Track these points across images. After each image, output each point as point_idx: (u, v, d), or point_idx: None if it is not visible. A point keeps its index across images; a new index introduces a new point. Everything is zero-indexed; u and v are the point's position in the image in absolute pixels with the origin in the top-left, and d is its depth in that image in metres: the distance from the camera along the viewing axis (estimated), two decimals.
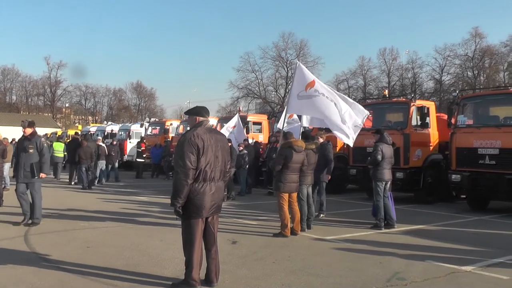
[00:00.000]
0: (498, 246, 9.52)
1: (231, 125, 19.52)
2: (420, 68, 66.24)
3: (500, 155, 13.44)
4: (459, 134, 14.50)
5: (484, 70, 61.94)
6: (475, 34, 61.23)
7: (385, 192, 11.28)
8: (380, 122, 16.75)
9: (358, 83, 70.60)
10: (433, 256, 8.36)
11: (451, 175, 14.44)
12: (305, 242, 9.59)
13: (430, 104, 17.14)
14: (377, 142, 11.41)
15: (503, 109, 15.18)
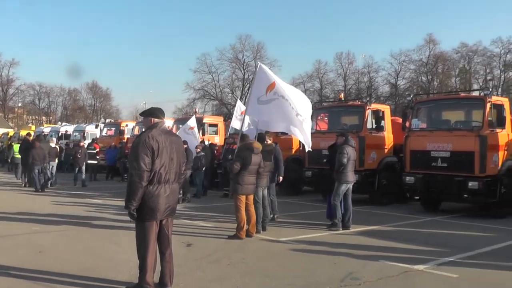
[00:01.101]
0: (449, 245, 9.76)
1: (189, 126, 19.37)
2: (376, 72, 67.36)
3: (452, 158, 13.80)
4: (413, 137, 14.79)
5: (437, 75, 63.38)
6: (429, 40, 62.63)
7: (348, 194, 11.42)
8: (336, 125, 16.98)
9: (315, 86, 71.21)
10: (386, 256, 8.50)
11: (405, 177, 14.72)
12: (260, 244, 9.61)
13: (385, 108, 17.45)
14: (343, 145, 11.51)
15: (454, 113, 15.63)
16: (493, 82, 58.21)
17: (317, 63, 71.44)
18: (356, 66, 69.60)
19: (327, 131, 16.29)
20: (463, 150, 13.67)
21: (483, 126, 13.49)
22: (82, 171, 21.84)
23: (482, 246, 9.78)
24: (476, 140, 13.41)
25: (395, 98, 61.85)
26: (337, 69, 69.93)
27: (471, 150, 13.47)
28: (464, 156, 13.64)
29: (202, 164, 17.49)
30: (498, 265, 8.30)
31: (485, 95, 13.93)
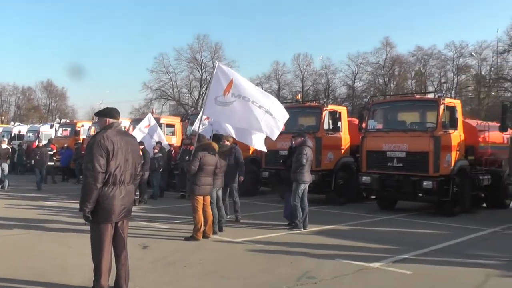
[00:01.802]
0: (404, 243, 9.95)
1: (144, 124, 19.15)
2: (333, 74, 67.96)
3: (407, 158, 14.11)
4: (369, 138, 15.03)
5: (394, 78, 64.39)
6: (386, 43, 63.63)
7: (305, 194, 11.51)
8: (292, 125, 17.01)
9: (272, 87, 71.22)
10: (342, 255, 8.62)
11: (361, 177, 14.96)
12: (217, 245, 9.60)
13: (342, 109, 17.67)
14: (301, 146, 11.58)
15: (410, 115, 15.95)
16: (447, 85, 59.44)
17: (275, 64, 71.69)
18: (314, 67, 70.16)
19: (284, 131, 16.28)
20: (417, 150, 13.98)
21: (437, 127, 13.80)
22: (42, 174, 21.37)
23: (435, 243, 10.03)
24: (430, 140, 13.72)
25: (352, 99, 62.61)
26: (295, 70, 70.34)
27: (426, 151, 13.79)
28: (419, 156, 13.95)
29: (159, 165, 17.35)
30: (450, 261, 8.54)
31: (439, 97, 14.27)
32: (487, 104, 52.17)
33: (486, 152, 16.11)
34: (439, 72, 61.62)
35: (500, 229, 12.38)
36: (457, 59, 58.94)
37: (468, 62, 59.24)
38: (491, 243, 10.66)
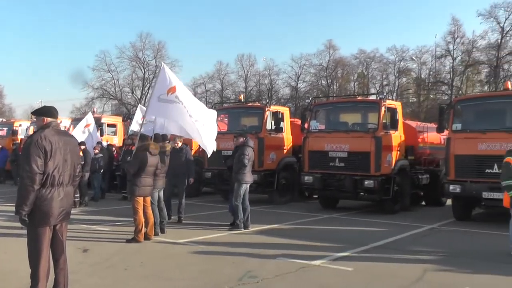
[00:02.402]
0: (345, 241, 10.15)
1: (83, 124, 18.71)
2: (277, 75, 68.19)
3: (348, 158, 14.40)
4: (311, 138, 15.22)
5: (337, 80, 65.25)
6: (329, 46, 64.31)
7: (246, 194, 11.54)
8: (235, 126, 17.14)
9: (216, 87, 70.86)
10: (284, 254, 8.70)
11: (303, 176, 15.14)
12: (158, 246, 9.50)
13: (284, 110, 17.80)
14: (243, 146, 11.59)
15: (352, 116, 16.28)
16: (388, 87, 60.77)
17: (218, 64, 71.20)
18: (257, 68, 70.24)
19: (226, 132, 16.37)
20: (359, 150, 14.28)
21: (378, 128, 14.14)
22: None
23: (376, 240, 10.28)
24: (372, 141, 14.04)
25: (296, 100, 63.05)
26: (238, 71, 70.10)
27: (367, 151, 14.11)
28: (361, 156, 14.26)
29: (100, 166, 17.01)
30: (390, 257, 8.77)
31: (380, 99, 14.66)
32: (427, 106, 53.67)
33: (425, 152, 16.66)
34: (381, 74, 62.94)
35: (438, 225, 12.82)
36: (398, 62, 60.37)
37: (408, 66, 60.82)
38: (429, 239, 11.01)
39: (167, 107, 10.69)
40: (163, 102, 10.70)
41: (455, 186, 12.87)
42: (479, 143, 12.60)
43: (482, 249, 9.81)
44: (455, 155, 13.06)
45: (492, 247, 9.68)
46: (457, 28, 52.73)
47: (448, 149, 13.26)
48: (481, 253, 9.46)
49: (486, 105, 14.21)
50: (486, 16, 49.76)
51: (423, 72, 60.06)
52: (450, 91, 52.10)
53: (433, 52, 56.55)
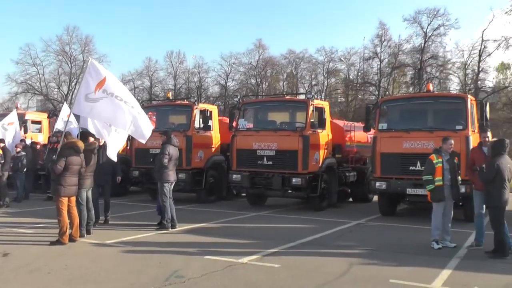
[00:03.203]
0: (273, 238, 10.20)
1: (7, 121, 17.89)
2: (206, 73, 67.52)
3: (276, 156, 14.48)
4: (239, 137, 15.20)
5: (266, 79, 65.55)
6: (259, 45, 64.43)
7: (170, 193, 11.33)
8: (163, 123, 16.87)
9: (145, 84, 69.32)
10: (212, 252, 8.63)
11: (231, 174, 15.11)
12: (84, 248, 9.18)
13: (213, 108, 17.71)
14: (164, 144, 11.38)
15: (280, 115, 16.39)
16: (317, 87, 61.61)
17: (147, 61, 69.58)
18: (187, 65, 69.45)
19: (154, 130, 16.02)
20: (287, 149, 14.38)
21: (306, 127, 14.28)
22: None
23: (303, 236, 10.38)
24: (300, 139, 14.17)
25: (225, 98, 62.92)
26: (167, 68, 69.04)
27: (295, 149, 14.23)
28: (288, 155, 14.36)
29: (22, 164, 16.29)
30: (317, 253, 8.94)
31: (308, 99, 14.82)
32: (355, 106, 54.76)
33: (352, 150, 17.01)
34: (310, 75, 63.69)
35: (364, 221, 13.12)
36: (327, 63, 61.28)
37: (337, 67, 61.84)
38: (355, 235, 11.25)
39: (93, 107, 10.26)
40: (91, 102, 10.24)
41: (381, 183, 13.20)
42: (404, 141, 12.99)
43: (405, 242, 10.08)
44: (381, 153, 13.39)
45: (415, 241, 9.96)
46: (384, 31, 54.37)
47: (374, 147, 13.58)
48: (405, 246, 9.71)
49: (410, 105, 14.72)
50: (410, 21, 51.70)
51: (352, 73, 61.33)
52: (377, 91, 53.48)
53: (361, 54, 57.87)
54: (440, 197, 9.56)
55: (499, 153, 8.89)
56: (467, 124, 12.67)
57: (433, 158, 9.66)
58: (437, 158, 9.62)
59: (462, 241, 9.96)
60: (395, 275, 7.34)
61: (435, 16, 51.01)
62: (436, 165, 9.56)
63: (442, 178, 9.50)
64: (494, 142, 9.26)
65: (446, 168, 9.57)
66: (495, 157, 8.86)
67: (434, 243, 9.48)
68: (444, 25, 50.94)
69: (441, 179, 9.50)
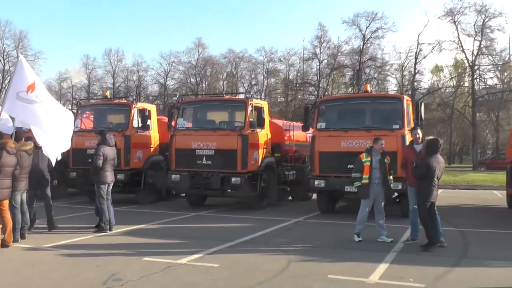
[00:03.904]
0: (212, 238, 10.17)
1: None
2: (145, 71, 66.97)
3: (215, 156, 14.42)
4: (178, 136, 15.05)
5: (206, 78, 65.53)
6: (199, 44, 64.43)
7: (107, 194, 11.10)
8: (101, 123, 16.50)
9: (82, 82, 68.13)
10: (151, 254, 8.52)
11: (171, 175, 14.94)
12: (18, 253, 8.81)
13: (152, 107, 17.48)
14: (98, 145, 11.11)
15: (219, 114, 16.37)
16: (257, 87, 62.27)
17: (85, 58, 68.51)
18: (126, 64, 68.53)
19: (92, 129, 15.73)
20: (226, 148, 14.35)
21: (245, 126, 14.31)
22: None
23: (243, 235, 10.40)
24: (239, 139, 14.17)
25: (164, 97, 62.45)
26: (106, 66, 68.00)
27: (234, 148, 14.22)
28: (227, 154, 14.33)
29: None
30: (256, 251, 8.99)
31: (247, 98, 14.87)
32: (294, 106, 55.58)
33: (291, 149, 17.16)
34: (250, 74, 64.19)
35: (303, 219, 13.28)
36: (267, 63, 62.00)
37: (277, 67, 62.78)
38: (294, 232, 11.38)
39: (28, 108, 9.85)
40: (24, 101, 9.85)
41: (320, 181, 13.39)
42: (342, 140, 13.23)
43: (344, 239, 10.24)
44: (319, 152, 13.58)
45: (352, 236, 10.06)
46: (323, 33, 55.70)
47: (313, 146, 13.75)
48: (343, 242, 9.90)
49: (348, 105, 15.05)
50: (349, 24, 53.41)
51: (291, 73, 62.33)
52: (317, 91, 54.51)
53: (301, 55, 58.98)
54: (366, 195, 9.96)
55: (432, 152, 9.26)
56: (403, 124, 13.03)
57: (362, 156, 10.03)
58: (366, 157, 9.97)
59: (399, 236, 10.26)
60: (334, 271, 7.47)
61: (373, 19, 52.95)
62: (365, 163, 9.92)
63: (369, 176, 9.85)
64: (429, 141, 9.61)
65: (375, 167, 9.92)
66: (428, 156, 9.24)
67: (355, 236, 9.90)
68: (382, 28, 53.09)
69: (368, 178, 9.86)
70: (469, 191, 24.46)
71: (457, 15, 49.93)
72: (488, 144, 67.35)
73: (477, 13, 49.31)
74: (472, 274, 7.56)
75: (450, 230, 11.04)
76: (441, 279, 7.22)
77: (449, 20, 50.19)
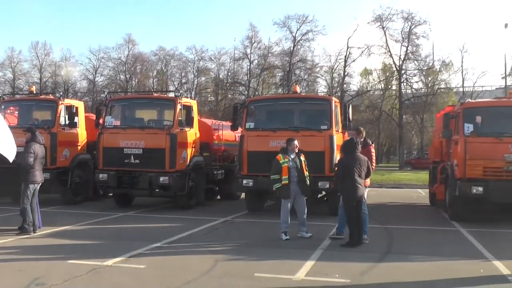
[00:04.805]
0: (140, 238, 10.11)
1: None
2: (73, 66, 65.14)
3: (144, 155, 14.28)
4: (106, 135, 14.79)
5: (136, 75, 64.46)
6: (128, 40, 63.26)
7: (35, 195, 10.74)
8: (26, 119, 15.92)
9: (7, 76, 65.10)
10: (76, 256, 8.32)
11: (98, 174, 14.66)
12: None
13: (79, 104, 17.05)
14: (29, 142, 10.74)
15: (148, 112, 16.27)
16: (187, 85, 61.85)
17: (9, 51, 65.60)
18: (53, 58, 66.32)
19: (16, 126, 15.16)
20: (154, 147, 14.25)
21: (174, 125, 14.26)
22: None
23: (171, 235, 10.38)
24: (167, 138, 14.09)
25: (93, 94, 61.03)
26: (32, 60, 65.53)
27: (162, 147, 14.12)
28: (156, 153, 14.23)
29: None
30: (183, 251, 9.03)
31: (176, 97, 14.83)
32: (224, 105, 55.69)
33: (220, 149, 17.27)
34: (180, 72, 63.67)
35: (231, 218, 13.42)
36: (197, 61, 61.69)
37: (208, 66, 62.64)
38: (221, 231, 11.50)
39: None
40: None
41: (248, 180, 13.55)
42: (270, 140, 13.41)
43: (271, 237, 10.41)
44: (248, 151, 13.73)
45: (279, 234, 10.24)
46: (254, 33, 56.21)
47: (242, 146, 13.88)
48: (271, 241, 10.08)
49: (277, 105, 15.35)
50: (280, 25, 54.26)
51: (222, 73, 62.35)
52: (247, 91, 54.87)
53: (231, 54, 59.13)
54: (287, 195, 10.23)
55: (349, 151, 9.67)
56: (331, 124, 13.41)
57: (279, 158, 10.29)
58: (283, 158, 10.26)
59: (326, 234, 10.54)
60: (260, 269, 7.61)
61: (304, 22, 54.00)
62: (283, 164, 10.19)
63: (288, 177, 10.13)
64: (344, 143, 10.03)
65: (293, 167, 10.22)
66: (345, 156, 9.66)
67: (283, 235, 10.13)
68: (313, 31, 54.28)
69: (287, 178, 10.14)
70: (395, 189, 25.54)
71: (386, 21, 51.82)
72: (413, 145, 69.97)
73: (404, 20, 51.38)
74: (396, 269, 7.93)
75: (375, 227, 11.48)
76: (366, 274, 7.50)
77: (378, 25, 51.99)
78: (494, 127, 12.70)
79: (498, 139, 12.15)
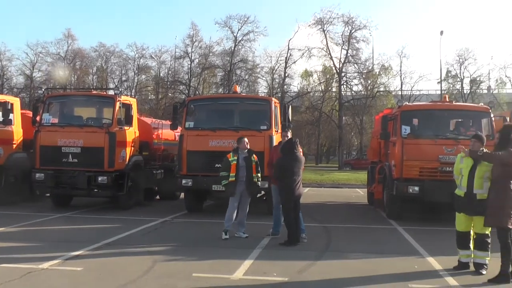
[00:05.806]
0: (77, 240, 9.93)
1: None
2: (9, 61, 62.84)
3: (82, 153, 14.03)
4: (44, 133, 14.43)
5: (75, 71, 63.11)
6: (68, 35, 61.79)
7: None
8: None
9: None
10: (9, 259, 8.12)
11: (34, 173, 14.26)
12: None
13: (15, 100, 16.49)
14: None
15: (87, 110, 15.94)
16: (127, 83, 60.99)
17: None
18: None
19: None
20: (93, 146, 14.03)
21: (113, 124, 14.10)
22: None
23: (109, 236, 10.28)
24: (106, 136, 13.93)
25: (31, 90, 59.24)
26: None
27: (101, 146, 13.95)
28: (94, 152, 14.02)
29: None
30: (121, 252, 8.97)
31: (115, 95, 14.62)
32: (165, 104, 55.25)
33: (159, 148, 17.17)
34: (120, 70, 62.69)
35: (170, 218, 13.41)
36: (138, 59, 60.93)
37: (148, 64, 61.95)
38: (160, 232, 11.49)
39: None
40: None
41: (187, 180, 13.55)
42: (210, 140, 13.49)
43: (211, 237, 10.52)
44: (187, 151, 13.72)
45: (220, 235, 10.32)
46: (195, 32, 55.97)
47: (181, 145, 13.87)
48: (210, 241, 10.18)
49: (217, 105, 15.46)
50: (222, 25, 54.35)
51: (162, 71, 61.87)
52: (187, 90, 54.60)
53: (172, 53, 58.69)
54: (232, 192, 10.37)
55: (287, 152, 9.89)
56: (271, 125, 13.62)
57: (229, 156, 10.47)
58: (233, 156, 10.43)
59: (264, 233, 10.67)
60: (199, 269, 7.67)
61: (245, 22, 54.29)
62: (232, 162, 10.37)
63: (235, 174, 10.30)
64: (284, 143, 10.22)
65: (242, 166, 10.38)
66: (283, 156, 9.90)
67: (223, 233, 10.25)
68: (254, 32, 54.55)
69: (235, 175, 10.30)
70: (334, 189, 26.02)
71: (326, 24, 52.68)
72: (353, 146, 71.38)
73: (345, 24, 52.33)
74: (333, 266, 8.19)
75: (314, 226, 11.78)
76: (304, 271, 7.70)
77: (319, 28, 52.77)
78: (430, 129, 13.28)
79: (433, 141, 12.69)
